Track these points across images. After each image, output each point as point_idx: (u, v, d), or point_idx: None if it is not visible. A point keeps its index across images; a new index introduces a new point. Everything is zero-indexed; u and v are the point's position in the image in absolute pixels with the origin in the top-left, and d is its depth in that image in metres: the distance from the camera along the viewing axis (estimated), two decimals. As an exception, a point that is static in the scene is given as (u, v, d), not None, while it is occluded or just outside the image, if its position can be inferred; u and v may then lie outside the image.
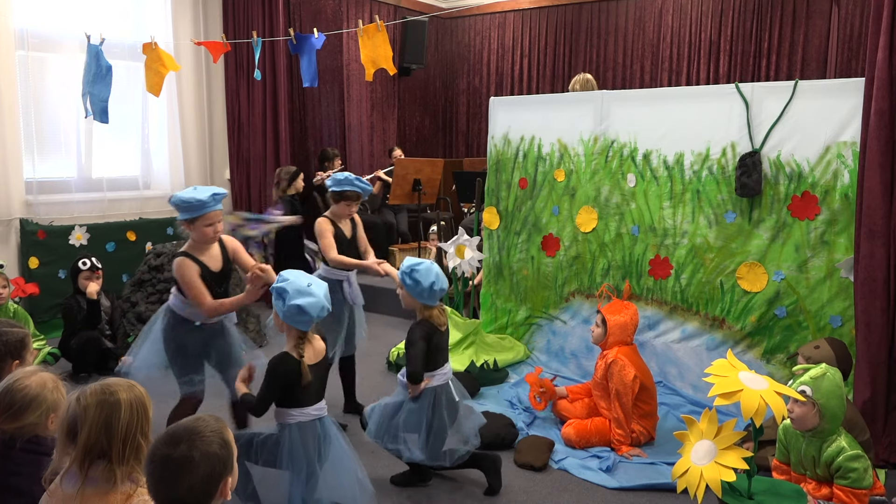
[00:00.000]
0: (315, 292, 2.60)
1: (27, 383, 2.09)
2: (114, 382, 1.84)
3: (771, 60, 7.32)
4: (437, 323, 3.17)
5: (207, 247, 3.14)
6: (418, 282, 3.10)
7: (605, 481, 3.31)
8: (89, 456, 1.75)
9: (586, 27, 8.52)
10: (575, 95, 5.19)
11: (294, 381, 2.62)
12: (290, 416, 2.66)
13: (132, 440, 1.77)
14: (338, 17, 8.06)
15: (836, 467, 2.63)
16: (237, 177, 7.21)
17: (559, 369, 4.75)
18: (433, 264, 3.15)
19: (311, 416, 2.67)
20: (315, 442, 2.67)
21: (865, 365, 3.40)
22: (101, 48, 5.16)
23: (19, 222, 5.61)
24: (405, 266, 3.15)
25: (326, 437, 2.70)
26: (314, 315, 2.59)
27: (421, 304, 3.16)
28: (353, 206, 3.90)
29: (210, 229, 3.07)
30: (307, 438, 2.66)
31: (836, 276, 3.76)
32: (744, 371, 2.52)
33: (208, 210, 3.04)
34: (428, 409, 3.11)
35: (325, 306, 2.61)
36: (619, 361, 3.57)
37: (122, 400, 1.78)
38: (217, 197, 3.06)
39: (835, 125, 3.70)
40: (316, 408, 2.69)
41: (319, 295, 2.61)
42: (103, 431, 1.74)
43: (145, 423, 1.82)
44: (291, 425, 2.66)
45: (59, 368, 4.52)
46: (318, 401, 2.71)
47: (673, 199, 4.28)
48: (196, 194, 3.03)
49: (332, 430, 2.73)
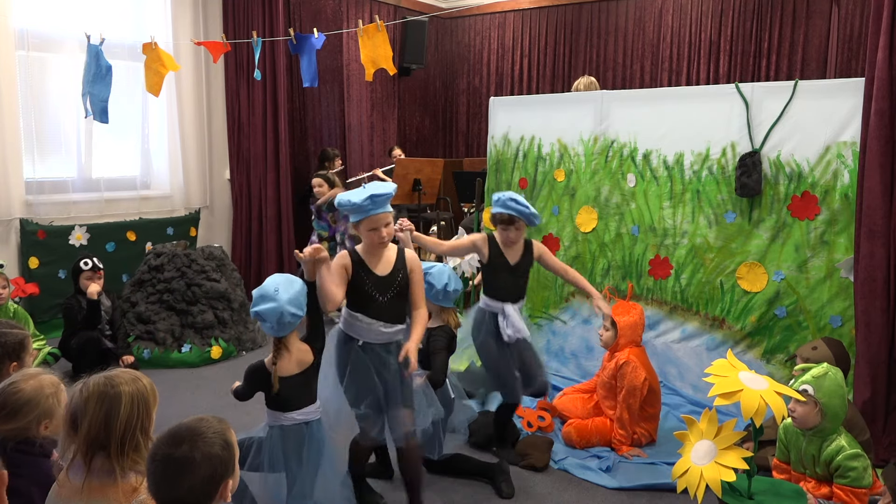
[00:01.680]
0: (279, 298, 2.54)
1: (22, 387, 2.08)
2: (118, 374, 1.83)
3: (771, 60, 7.31)
4: (453, 326, 3.20)
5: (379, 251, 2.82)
6: (432, 285, 3.11)
7: (606, 481, 3.31)
8: (91, 448, 1.75)
9: (586, 27, 8.52)
10: (575, 95, 5.19)
11: (268, 390, 2.64)
12: (274, 417, 2.68)
13: (131, 435, 1.77)
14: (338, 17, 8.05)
15: (836, 466, 2.63)
16: (237, 177, 7.20)
17: (559, 369, 4.74)
18: (445, 266, 3.17)
19: (294, 421, 2.66)
20: (296, 446, 2.66)
21: (865, 365, 3.40)
22: (101, 48, 5.16)
23: (19, 222, 5.60)
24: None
25: (313, 442, 2.69)
26: (273, 321, 2.54)
27: (437, 308, 3.18)
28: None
29: (375, 234, 2.74)
30: (288, 441, 2.65)
31: (836, 276, 3.76)
32: (744, 371, 2.52)
33: (371, 213, 2.71)
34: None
35: (285, 312, 2.52)
36: (632, 362, 3.56)
37: (123, 393, 1.78)
38: (378, 199, 2.71)
39: (835, 125, 3.70)
40: (302, 412, 2.67)
41: (282, 301, 2.53)
42: (103, 424, 1.75)
43: (146, 418, 1.81)
44: (274, 427, 2.68)
45: (59, 368, 4.51)
46: (302, 406, 2.68)
47: (673, 199, 4.28)
48: (355, 198, 2.71)
49: (321, 436, 2.71)
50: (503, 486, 3.17)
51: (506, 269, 3.40)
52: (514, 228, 3.34)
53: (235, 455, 1.64)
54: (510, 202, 3.29)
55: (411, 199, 6.99)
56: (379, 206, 2.70)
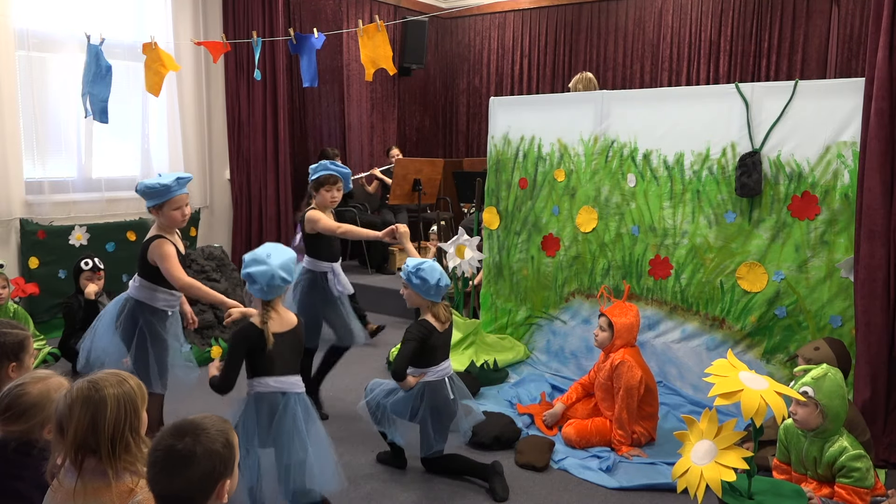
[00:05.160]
0: (270, 262, 2.64)
1: (29, 390, 2.07)
2: (103, 377, 1.82)
3: (771, 60, 7.31)
4: (439, 320, 3.25)
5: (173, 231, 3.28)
6: (426, 280, 3.18)
7: (606, 481, 3.31)
8: (80, 452, 1.75)
9: (586, 27, 8.52)
10: (575, 95, 5.19)
11: (257, 348, 2.65)
12: (251, 385, 2.70)
13: (121, 436, 1.76)
14: (338, 17, 8.05)
15: (839, 467, 2.63)
16: (237, 177, 7.21)
17: (559, 369, 4.75)
18: (434, 262, 3.23)
19: (271, 388, 2.69)
20: (270, 415, 2.67)
21: (865, 365, 3.40)
22: (101, 48, 5.16)
23: (19, 222, 5.60)
24: (410, 267, 3.22)
25: (288, 414, 2.69)
26: (263, 283, 2.62)
27: (428, 302, 3.25)
28: (335, 192, 3.89)
29: (178, 213, 3.18)
30: (262, 409, 2.67)
31: (836, 276, 3.76)
32: (744, 371, 2.52)
33: (174, 194, 3.15)
34: (417, 399, 3.20)
35: (276, 275, 2.63)
36: (627, 362, 3.57)
37: (108, 396, 1.77)
38: (182, 181, 3.18)
39: (835, 125, 3.70)
40: (278, 380, 2.70)
41: (274, 265, 2.64)
42: (90, 429, 1.74)
43: (135, 418, 1.81)
44: (250, 395, 2.70)
45: (59, 368, 4.51)
46: (283, 374, 2.72)
47: (673, 199, 4.28)
48: (161, 180, 3.17)
49: (299, 410, 2.72)
50: (497, 489, 3.18)
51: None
52: (336, 189, 3.87)
53: (236, 456, 1.64)
54: (331, 166, 3.86)
55: (411, 199, 6.99)
56: (182, 187, 3.17)
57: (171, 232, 3.26)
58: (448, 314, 3.31)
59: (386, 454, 3.50)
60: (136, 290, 3.25)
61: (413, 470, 3.42)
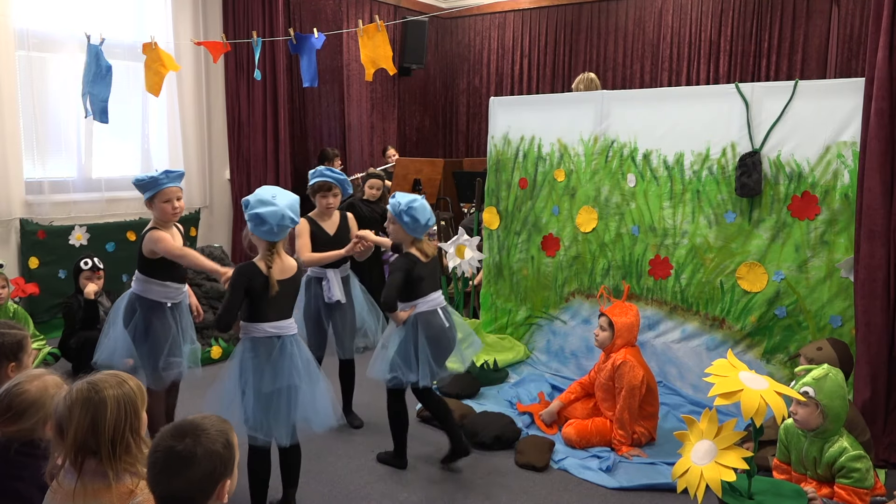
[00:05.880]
0: (277, 203, 2.67)
1: (27, 388, 2.07)
2: (102, 379, 1.82)
3: (771, 60, 7.31)
4: (423, 254, 3.28)
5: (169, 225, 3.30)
6: (416, 219, 3.21)
7: (606, 481, 3.31)
8: (80, 453, 1.75)
9: (586, 27, 8.52)
10: (575, 95, 5.19)
11: (259, 291, 2.67)
12: (247, 330, 2.73)
13: (121, 437, 1.76)
14: (338, 17, 8.05)
15: (839, 467, 2.63)
16: (237, 177, 7.20)
17: (559, 369, 4.75)
18: (425, 201, 3.26)
19: (267, 333, 2.71)
20: (267, 356, 2.70)
21: (865, 365, 3.40)
22: (101, 48, 5.16)
23: (19, 222, 5.60)
24: (402, 204, 3.21)
25: (284, 354, 2.72)
26: (273, 223, 2.64)
27: (411, 238, 3.28)
28: (330, 198, 3.80)
29: (168, 205, 3.20)
30: (259, 353, 2.70)
31: (836, 276, 3.76)
32: (744, 371, 2.52)
33: (162, 187, 3.17)
34: (412, 331, 3.23)
35: (285, 215, 2.67)
36: (629, 362, 3.57)
37: (108, 397, 1.77)
38: (171, 174, 3.22)
39: (835, 125, 3.70)
40: (275, 325, 2.73)
41: (282, 205, 2.67)
42: (90, 430, 1.74)
43: (135, 419, 1.81)
44: (245, 339, 2.73)
45: (59, 368, 4.51)
46: (279, 319, 2.75)
47: (673, 199, 4.28)
48: (150, 173, 3.23)
49: (296, 349, 2.76)
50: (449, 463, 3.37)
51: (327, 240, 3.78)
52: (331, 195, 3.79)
53: (236, 457, 1.64)
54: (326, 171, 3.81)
55: (411, 199, 6.96)
56: (172, 180, 3.19)
57: (168, 227, 3.29)
58: (431, 249, 3.34)
59: (386, 454, 3.51)
60: (134, 284, 3.31)
61: (413, 470, 3.43)
